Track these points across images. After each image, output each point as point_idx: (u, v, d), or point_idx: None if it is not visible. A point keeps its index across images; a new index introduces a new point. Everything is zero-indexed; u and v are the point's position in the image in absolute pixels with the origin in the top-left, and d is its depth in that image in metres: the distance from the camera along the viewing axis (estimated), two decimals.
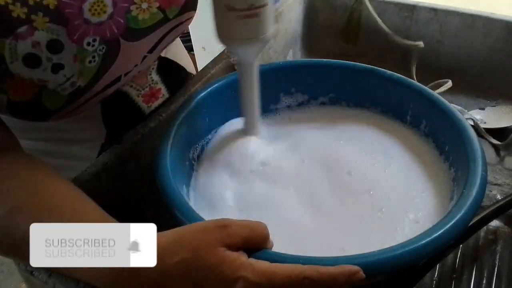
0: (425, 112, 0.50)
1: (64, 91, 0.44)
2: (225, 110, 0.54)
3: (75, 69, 0.43)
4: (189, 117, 0.49)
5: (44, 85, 0.43)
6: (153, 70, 0.56)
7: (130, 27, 0.46)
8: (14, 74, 0.41)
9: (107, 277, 0.33)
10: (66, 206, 0.37)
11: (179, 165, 0.46)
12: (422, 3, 0.73)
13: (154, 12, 0.48)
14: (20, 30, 0.39)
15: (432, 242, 0.34)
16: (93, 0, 0.43)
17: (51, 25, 0.40)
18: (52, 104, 0.44)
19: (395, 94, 0.52)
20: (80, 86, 0.44)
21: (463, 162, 0.42)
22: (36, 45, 0.40)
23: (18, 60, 0.40)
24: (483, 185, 0.39)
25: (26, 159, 0.42)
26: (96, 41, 0.44)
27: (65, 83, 0.43)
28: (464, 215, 0.36)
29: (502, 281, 0.45)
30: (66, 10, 0.41)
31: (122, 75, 0.49)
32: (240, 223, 0.33)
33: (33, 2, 0.39)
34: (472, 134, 0.44)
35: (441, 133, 0.49)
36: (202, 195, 0.47)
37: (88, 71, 0.45)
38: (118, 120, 0.55)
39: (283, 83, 0.56)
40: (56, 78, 0.42)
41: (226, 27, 0.43)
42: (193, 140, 0.51)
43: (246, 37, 0.43)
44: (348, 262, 0.32)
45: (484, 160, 0.41)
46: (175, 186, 0.41)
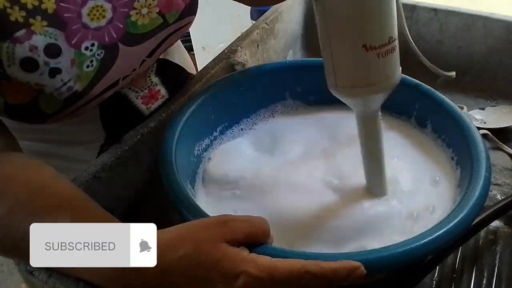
0: (431, 112, 0.50)
1: (60, 96, 0.44)
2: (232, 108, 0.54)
3: (73, 74, 0.43)
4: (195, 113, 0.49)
5: (41, 89, 0.42)
6: (152, 72, 0.56)
7: (129, 32, 0.46)
8: (11, 77, 0.40)
9: (108, 275, 0.33)
10: (67, 205, 0.37)
11: (185, 159, 0.47)
12: (422, 3, 0.73)
13: (154, 17, 0.47)
14: (17, 34, 0.39)
15: (432, 242, 0.34)
16: (92, 5, 0.43)
17: (49, 29, 0.40)
18: (49, 108, 0.44)
19: (401, 95, 0.52)
20: (77, 90, 0.44)
21: (467, 163, 0.42)
22: (34, 49, 0.40)
23: (15, 64, 0.40)
24: (486, 186, 0.39)
25: (26, 159, 0.42)
26: (95, 45, 0.44)
27: (62, 88, 0.43)
28: (465, 216, 0.36)
29: (502, 281, 0.45)
30: (64, 15, 0.41)
31: (120, 79, 0.49)
32: (241, 219, 0.34)
33: (31, 6, 0.39)
34: (476, 134, 0.44)
35: (446, 133, 0.49)
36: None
37: (86, 76, 0.44)
38: (117, 122, 0.55)
39: (290, 82, 0.56)
40: (53, 82, 0.42)
41: (368, 72, 0.35)
42: (200, 135, 0.51)
43: (386, 78, 0.36)
44: (349, 258, 0.32)
45: (488, 161, 0.41)
46: (180, 181, 0.41)
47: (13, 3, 0.38)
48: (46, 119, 0.45)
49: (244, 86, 0.55)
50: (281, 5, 0.73)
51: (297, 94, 0.57)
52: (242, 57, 0.63)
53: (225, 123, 0.55)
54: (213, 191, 0.48)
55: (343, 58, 0.36)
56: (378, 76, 0.35)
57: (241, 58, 0.63)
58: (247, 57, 0.64)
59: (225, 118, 0.54)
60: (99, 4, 0.43)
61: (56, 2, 0.40)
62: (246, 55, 0.64)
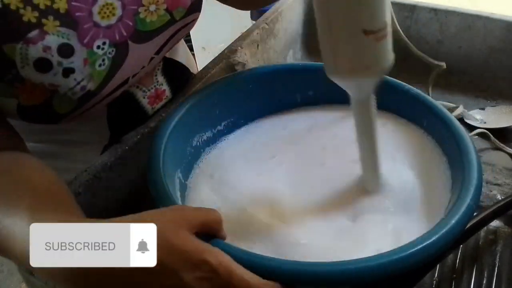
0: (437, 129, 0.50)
1: (74, 95, 0.44)
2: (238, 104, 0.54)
3: (86, 73, 0.43)
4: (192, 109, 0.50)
5: (55, 89, 0.43)
6: (158, 71, 0.56)
7: (139, 29, 0.46)
8: (25, 79, 0.41)
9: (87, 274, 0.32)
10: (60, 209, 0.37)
11: (177, 153, 0.47)
12: (422, 3, 0.73)
13: (162, 14, 0.48)
14: (30, 35, 0.39)
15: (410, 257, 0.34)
16: (102, 3, 0.43)
17: (61, 28, 0.40)
18: (62, 108, 0.44)
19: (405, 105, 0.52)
20: (90, 89, 0.44)
21: (459, 181, 0.42)
22: (47, 50, 0.40)
23: (29, 64, 0.40)
24: (471, 208, 0.38)
25: (23, 159, 0.42)
26: (106, 44, 0.44)
27: (76, 87, 0.43)
28: (445, 234, 0.36)
29: (502, 281, 0.45)
30: (76, 14, 0.41)
31: (129, 77, 0.49)
32: (194, 208, 0.35)
33: (44, 6, 0.39)
34: (470, 146, 0.43)
35: (444, 142, 0.48)
36: None
37: (98, 74, 0.45)
38: (122, 122, 0.55)
39: (301, 85, 0.57)
40: (67, 82, 0.42)
41: (366, 55, 0.37)
42: (198, 128, 0.51)
43: (382, 61, 0.37)
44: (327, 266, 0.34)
45: (479, 183, 0.41)
46: (165, 182, 0.42)
47: (25, 3, 0.38)
48: (59, 119, 0.45)
49: (247, 84, 0.55)
50: (281, 5, 0.73)
51: (308, 96, 0.58)
52: (242, 57, 0.63)
53: (222, 122, 0.55)
54: (206, 188, 0.48)
55: (343, 43, 0.37)
56: (375, 60, 0.37)
57: (241, 58, 0.63)
58: (247, 57, 0.64)
59: (224, 116, 0.54)
60: (109, 2, 0.43)
61: (67, 2, 0.41)
62: (246, 55, 0.64)
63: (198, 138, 0.51)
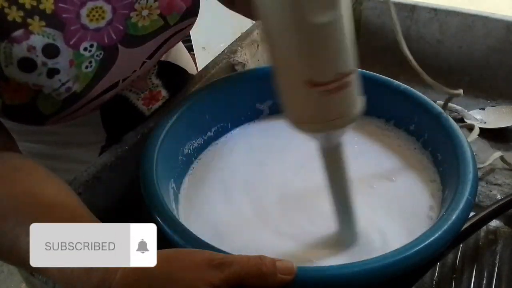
0: (428, 126, 0.50)
1: (59, 96, 0.43)
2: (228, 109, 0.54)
3: (71, 74, 0.43)
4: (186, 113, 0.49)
5: (39, 89, 0.42)
6: (152, 74, 0.56)
7: (129, 33, 0.46)
8: (9, 78, 0.40)
9: None
10: (58, 211, 0.36)
11: (171, 161, 0.47)
12: (422, 3, 0.73)
13: (155, 19, 0.47)
14: (15, 34, 0.39)
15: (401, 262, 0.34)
16: (92, 6, 0.43)
17: (47, 29, 0.40)
18: (47, 108, 0.44)
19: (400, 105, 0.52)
20: (75, 91, 0.44)
21: (453, 184, 0.42)
22: (32, 49, 0.40)
23: (13, 64, 0.40)
24: (466, 210, 0.38)
25: (19, 160, 0.41)
26: (94, 46, 0.44)
27: (60, 88, 0.43)
28: (435, 241, 0.35)
29: (502, 281, 0.45)
30: (63, 15, 0.41)
31: (120, 81, 0.49)
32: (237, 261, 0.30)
33: (29, 6, 0.39)
34: (468, 154, 0.43)
35: (439, 149, 0.48)
36: None
37: (85, 76, 0.44)
38: (118, 123, 0.54)
39: None
40: (51, 83, 0.42)
41: (307, 109, 0.32)
42: (190, 135, 0.51)
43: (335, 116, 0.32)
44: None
45: (475, 184, 0.40)
46: (157, 185, 0.41)
47: (11, 3, 0.38)
48: (44, 120, 0.45)
49: (238, 87, 0.55)
50: None
51: None
52: (242, 57, 0.63)
53: (219, 124, 0.54)
54: (200, 192, 0.48)
55: (285, 93, 0.33)
56: (326, 114, 0.32)
57: (241, 58, 0.63)
58: (247, 57, 0.64)
59: (219, 119, 0.54)
60: (99, 5, 0.43)
61: (54, 3, 0.40)
62: (246, 55, 0.64)
63: (189, 146, 0.51)
